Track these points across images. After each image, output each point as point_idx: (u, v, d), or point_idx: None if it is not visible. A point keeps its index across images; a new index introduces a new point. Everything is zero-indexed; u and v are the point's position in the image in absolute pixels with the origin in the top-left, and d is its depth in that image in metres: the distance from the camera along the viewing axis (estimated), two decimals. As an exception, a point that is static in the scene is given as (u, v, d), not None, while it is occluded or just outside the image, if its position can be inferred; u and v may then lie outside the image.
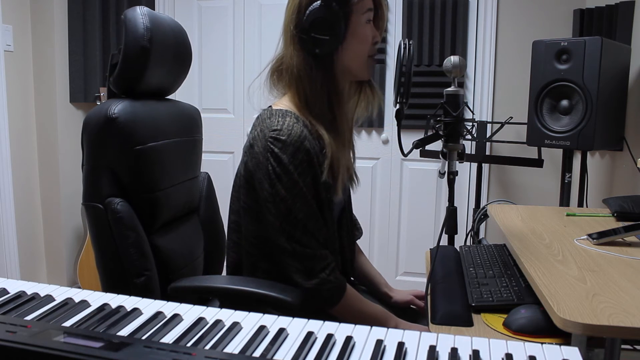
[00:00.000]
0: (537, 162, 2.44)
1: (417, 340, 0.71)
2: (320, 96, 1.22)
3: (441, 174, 1.23)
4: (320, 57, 1.20)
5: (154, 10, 2.08)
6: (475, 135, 2.59)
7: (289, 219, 1.16)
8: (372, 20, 1.25)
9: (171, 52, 1.35)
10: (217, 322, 0.75)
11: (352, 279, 1.50)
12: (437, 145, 1.26)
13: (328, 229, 1.24)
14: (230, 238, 1.32)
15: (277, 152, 1.15)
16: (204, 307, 0.80)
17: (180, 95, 2.77)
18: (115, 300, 0.83)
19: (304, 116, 1.21)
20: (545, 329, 1.01)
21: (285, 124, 1.16)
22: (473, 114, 2.80)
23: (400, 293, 1.52)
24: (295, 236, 1.17)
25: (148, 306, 0.81)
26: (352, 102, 1.36)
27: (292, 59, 1.22)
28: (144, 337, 0.70)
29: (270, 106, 1.26)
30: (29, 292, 0.83)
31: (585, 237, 1.38)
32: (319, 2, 1.17)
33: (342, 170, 1.25)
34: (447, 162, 1.22)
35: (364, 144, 3.00)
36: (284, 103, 1.25)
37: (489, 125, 2.68)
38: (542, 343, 0.69)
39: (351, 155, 1.38)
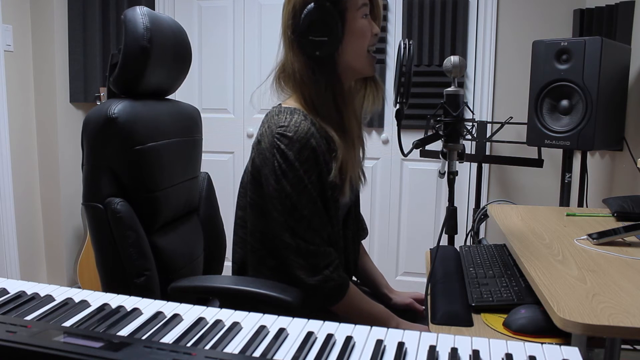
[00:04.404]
0: (537, 162, 2.44)
1: (417, 340, 0.71)
2: (325, 99, 1.22)
3: (441, 174, 1.23)
4: (321, 59, 1.20)
5: (154, 10, 2.08)
6: (475, 135, 2.59)
7: (294, 215, 1.16)
8: (368, 15, 1.23)
9: (171, 52, 1.35)
10: (217, 322, 0.75)
11: (354, 278, 1.50)
12: (437, 145, 1.26)
13: (333, 227, 1.24)
14: (237, 234, 1.32)
15: (284, 148, 1.15)
16: (204, 307, 0.80)
17: (180, 95, 2.77)
18: (115, 300, 0.83)
19: (312, 117, 1.21)
20: (545, 329, 1.00)
21: (292, 121, 1.16)
22: (473, 114, 2.80)
23: (400, 295, 1.52)
24: (299, 232, 1.17)
25: (148, 306, 0.80)
26: (359, 97, 1.35)
27: (293, 65, 1.22)
28: (144, 337, 0.70)
29: (279, 104, 1.26)
30: (29, 292, 0.83)
31: (585, 237, 1.38)
32: (312, 4, 1.16)
33: (351, 172, 1.25)
34: (447, 162, 1.22)
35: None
36: (293, 102, 1.25)
37: (489, 125, 2.68)
38: (542, 343, 0.69)
39: (360, 153, 1.38)
